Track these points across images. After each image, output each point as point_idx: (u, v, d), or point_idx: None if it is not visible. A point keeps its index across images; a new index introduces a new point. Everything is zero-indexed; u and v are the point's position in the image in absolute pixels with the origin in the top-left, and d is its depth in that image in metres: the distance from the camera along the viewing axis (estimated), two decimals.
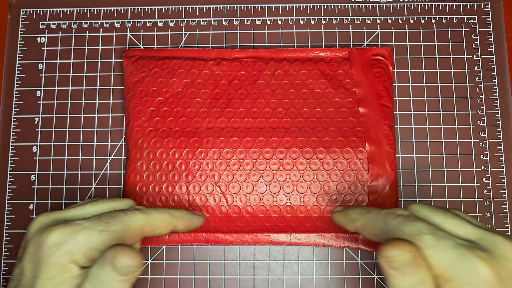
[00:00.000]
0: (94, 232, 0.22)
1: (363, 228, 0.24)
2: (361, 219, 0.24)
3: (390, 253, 0.19)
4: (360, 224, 0.24)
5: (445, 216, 0.22)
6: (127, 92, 0.32)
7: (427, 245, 0.20)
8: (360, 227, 0.24)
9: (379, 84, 0.31)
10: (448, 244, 0.20)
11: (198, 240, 0.30)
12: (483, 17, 0.34)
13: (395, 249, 0.19)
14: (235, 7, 0.34)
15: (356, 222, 0.24)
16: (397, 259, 0.19)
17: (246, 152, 0.30)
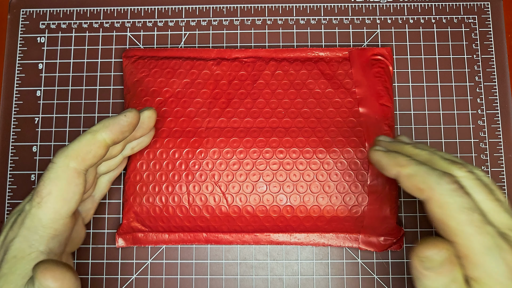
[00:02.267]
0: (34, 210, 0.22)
1: (408, 177, 0.22)
2: (411, 167, 0.22)
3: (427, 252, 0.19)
4: (407, 172, 0.22)
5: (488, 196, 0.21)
6: (127, 92, 0.32)
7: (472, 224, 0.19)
8: (405, 175, 0.22)
9: (379, 84, 0.31)
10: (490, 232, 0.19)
11: (198, 240, 0.30)
12: (483, 17, 0.34)
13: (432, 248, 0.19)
14: (235, 7, 0.34)
15: (403, 168, 0.22)
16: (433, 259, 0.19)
17: (246, 152, 0.30)
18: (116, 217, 0.32)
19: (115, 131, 0.23)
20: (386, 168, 0.23)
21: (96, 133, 0.23)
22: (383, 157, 0.23)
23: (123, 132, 0.24)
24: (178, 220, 0.30)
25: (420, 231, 0.31)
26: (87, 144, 0.23)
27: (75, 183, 0.22)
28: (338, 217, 0.29)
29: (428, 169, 0.21)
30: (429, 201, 0.20)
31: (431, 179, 0.21)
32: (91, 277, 0.31)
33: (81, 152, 0.22)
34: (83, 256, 0.31)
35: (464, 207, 0.20)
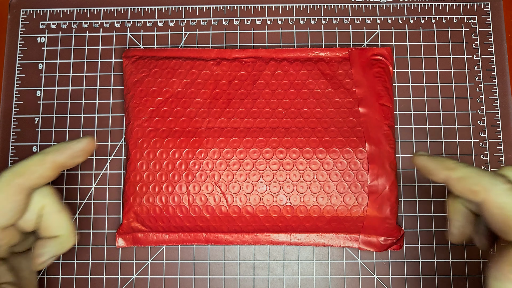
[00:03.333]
0: None
1: (459, 180, 0.21)
2: (460, 170, 0.21)
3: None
4: (457, 175, 0.21)
5: None
6: (127, 92, 0.32)
7: None
8: (456, 178, 0.21)
9: (379, 84, 0.31)
10: None
11: (198, 240, 0.30)
12: (483, 17, 0.34)
13: None
14: (235, 7, 0.34)
15: (453, 172, 0.21)
16: None
17: (246, 152, 0.30)
18: (116, 217, 0.32)
19: (66, 155, 0.24)
20: (434, 172, 0.22)
21: (46, 155, 0.23)
22: (430, 161, 0.23)
23: (74, 157, 0.24)
24: (178, 220, 0.30)
25: (420, 231, 0.31)
26: (36, 164, 0.23)
27: (14, 199, 0.22)
28: (338, 217, 0.29)
29: (479, 170, 0.21)
30: (486, 203, 0.20)
31: (485, 180, 0.20)
32: (91, 277, 0.31)
33: (28, 170, 0.23)
34: (83, 256, 0.31)
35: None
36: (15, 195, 0.22)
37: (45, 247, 0.24)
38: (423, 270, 0.30)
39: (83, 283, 0.31)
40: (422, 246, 0.31)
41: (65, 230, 0.24)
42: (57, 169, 0.24)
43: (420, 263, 0.31)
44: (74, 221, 0.32)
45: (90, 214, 0.32)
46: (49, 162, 0.23)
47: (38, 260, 0.24)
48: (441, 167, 0.22)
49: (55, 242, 0.24)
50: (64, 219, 0.24)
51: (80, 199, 0.32)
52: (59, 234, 0.24)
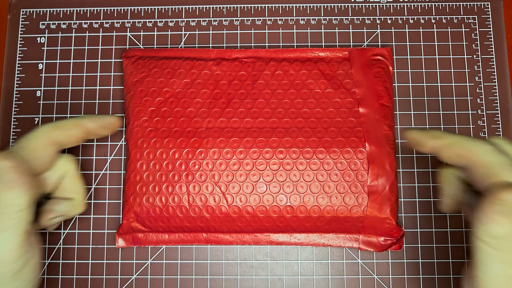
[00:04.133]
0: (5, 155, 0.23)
1: (447, 147, 0.23)
2: (448, 138, 0.23)
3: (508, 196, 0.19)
4: (445, 142, 0.23)
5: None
6: (127, 92, 0.32)
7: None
8: (444, 146, 0.23)
9: (379, 84, 0.31)
10: None
11: (198, 240, 0.30)
12: (483, 17, 0.34)
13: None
14: (235, 7, 0.34)
15: (441, 140, 0.23)
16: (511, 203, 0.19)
17: (246, 152, 0.30)
18: (116, 217, 0.32)
19: (97, 124, 0.27)
20: (424, 142, 0.24)
21: (81, 119, 0.27)
22: (420, 133, 0.25)
23: (103, 128, 0.27)
24: (178, 220, 0.30)
25: (420, 231, 0.31)
26: (71, 124, 0.26)
27: (47, 149, 0.25)
28: (338, 217, 0.29)
29: (465, 136, 0.23)
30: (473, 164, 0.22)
31: (471, 144, 0.22)
32: (91, 277, 0.31)
33: (64, 127, 0.26)
34: (83, 256, 0.31)
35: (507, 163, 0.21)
36: (49, 145, 0.25)
37: (57, 204, 0.27)
38: (423, 270, 0.30)
39: (83, 283, 0.31)
40: (422, 246, 0.31)
41: (79, 195, 0.27)
42: (86, 134, 0.27)
43: (420, 263, 0.31)
44: (74, 221, 0.32)
45: (90, 214, 0.32)
46: (82, 125, 0.26)
47: (47, 215, 0.27)
48: (430, 137, 0.24)
49: (67, 203, 0.27)
50: (80, 185, 0.27)
51: None
52: (73, 197, 0.27)
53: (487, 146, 0.22)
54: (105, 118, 0.27)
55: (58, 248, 0.31)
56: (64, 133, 0.26)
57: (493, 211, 0.19)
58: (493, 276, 0.20)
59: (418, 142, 0.25)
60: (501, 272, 0.20)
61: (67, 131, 0.26)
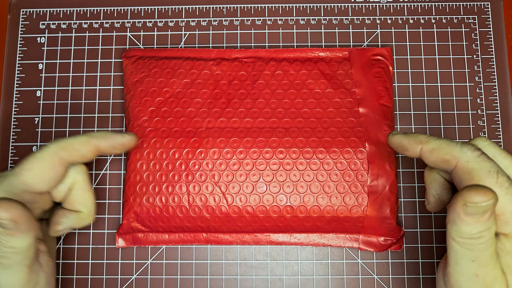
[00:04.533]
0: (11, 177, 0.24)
1: (431, 151, 0.23)
2: (432, 142, 0.23)
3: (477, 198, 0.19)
4: (429, 147, 0.23)
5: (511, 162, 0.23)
6: (127, 92, 0.32)
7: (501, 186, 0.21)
8: (428, 150, 0.23)
9: (379, 84, 0.31)
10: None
11: (198, 240, 0.30)
12: (483, 17, 0.34)
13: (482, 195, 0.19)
14: (235, 7, 0.34)
15: (425, 144, 0.23)
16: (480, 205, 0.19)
17: (246, 152, 0.30)
18: (116, 217, 0.32)
19: (108, 144, 0.26)
20: (409, 147, 0.24)
21: (92, 138, 0.25)
22: (403, 138, 0.24)
23: (114, 148, 0.26)
24: (178, 220, 0.30)
25: (420, 231, 0.31)
26: (81, 144, 0.25)
27: (55, 170, 0.24)
28: (338, 217, 0.29)
29: (449, 141, 0.23)
30: (456, 169, 0.22)
31: (455, 149, 0.22)
32: (91, 277, 0.31)
33: (73, 147, 0.25)
34: (83, 256, 0.31)
35: (491, 170, 0.21)
36: (56, 166, 0.24)
37: (65, 217, 0.26)
38: (423, 270, 0.30)
39: (83, 283, 0.31)
40: (422, 246, 0.31)
41: (88, 209, 0.27)
42: (96, 153, 0.26)
43: (420, 263, 0.31)
44: None
45: None
46: (92, 145, 0.25)
47: (55, 227, 0.26)
48: (414, 141, 0.24)
49: (75, 216, 0.26)
50: (90, 198, 0.27)
51: None
52: (81, 210, 0.26)
53: (471, 152, 0.22)
54: (118, 137, 0.26)
55: (58, 248, 0.31)
56: (73, 153, 0.25)
57: (464, 212, 0.20)
58: (465, 274, 0.21)
59: (402, 147, 0.25)
60: (472, 271, 0.20)
61: (77, 152, 0.25)
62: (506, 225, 0.21)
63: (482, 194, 0.19)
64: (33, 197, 0.25)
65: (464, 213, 0.20)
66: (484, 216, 0.20)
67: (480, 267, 0.20)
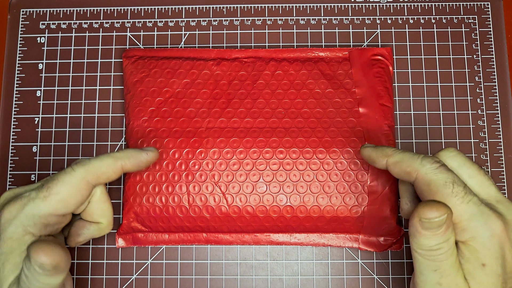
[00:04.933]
0: (38, 200, 0.23)
1: (394, 164, 0.24)
2: (396, 155, 0.24)
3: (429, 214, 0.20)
4: (393, 160, 0.24)
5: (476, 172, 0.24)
6: (127, 92, 0.32)
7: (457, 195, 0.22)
8: (392, 163, 0.24)
9: (379, 84, 0.31)
10: (474, 200, 0.22)
11: (198, 240, 0.30)
12: (483, 17, 0.34)
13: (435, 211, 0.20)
14: (235, 7, 0.34)
15: (390, 157, 0.25)
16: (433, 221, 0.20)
17: (246, 152, 0.30)
18: (116, 217, 0.32)
19: (133, 163, 0.26)
20: (376, 160, 0.25)
21: (118, 160, 0.25)
22: (372, 151, 0.26)
23: (139, 167, 0.26)
24: (178, 220, 0.30)
25: None
26: (107, 166, 0.25)
27: (81, 194, 0.25)
28: (338, 217, 0.29)
29: (412, 154, 0.24)
30: (416, 181, 0.23)
31: (415, 162, 0.23)
32: (91, 277, 0.31)
33: (99, 171, 0.25)
34: (83, 256, 0.31)
35: (447, 181, 0.22)
36: (83, 190, 0.25)
37: (86, 228, 0.27)
38: None
39: (83, 283, 0.31)
40: None
41: (107, 219, 0.27)
42: (121, 173, 0.26)
43: None
44: None
45: None
46: (119, 167, 0.25)
47: (76, 239, 0.27)
48: (381, 154, 0.25)
49: (96, 227, 0.27)
50: (109, 209, 0.27)
51: None
52: (101, 221, 0.27)
53: (430, 165, 0.23)
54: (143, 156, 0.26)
55: None
56: (100, 177, 0.25)
57: (421, 226, 0.21)
58: (429, 284, 0.22)
59: (370, 159, 0.26)
60: (435, 280, 0.21)
61: (102, 175, 0.25)
62: (463, 232, 0.22)
63: (435, 210, 0.20)
64: (58, 219, 0.25)
65: (422, 227, 0.21)
66: (440, 229, 0.20)
67: (442, 276, 0.21)
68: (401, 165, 0.24)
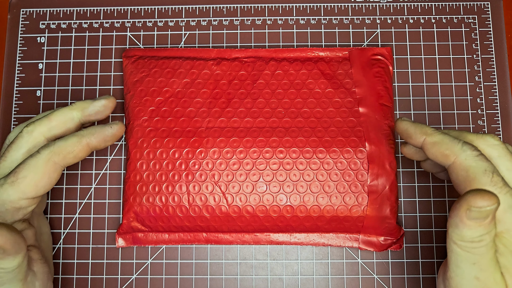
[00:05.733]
0: (6, 186, 0.24)
1: (433, 144, 0.24)
2: (436, 136, 0.24)
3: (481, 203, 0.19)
4: (432, 140, 0.24)
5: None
6: (127, 92, 0.32)
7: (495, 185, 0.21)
8: (431, 143, 0.24)
9: (379, 84, 0.31)
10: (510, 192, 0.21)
11: (198, 239, 0.30)
12: (483, 17, 0.34)
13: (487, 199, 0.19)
14: (235, 7, 0.34)
15: (429, 137, 0.24)
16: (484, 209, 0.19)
17: (246, 151, 0.30)
18: (116, 217, 0.32)
19: (99, 139, 0.26)
20: (413, 136, 0.25)
21: (82, 137, 0.26)
22: (411, 126, 0.25)
23: (106, 141, 0.27)
24: (178, 220, 0.30)
25: (420, 231, 0.31)
26: (72, 145, 0.25)
27: (49, 176, 0.25)
28: (338, 217, 0.29)
29: (452, 138, 0.23)
30: (453, 165, 0.23)
31: (456, 146, 0.23)
32: (91, 277, 0.31)
33: (65, 151, 0.25)
34: (83, 256, 0.31)
35: (487, 170, 0.22)
36: (51, 172, 0.25)
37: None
38: (423, 269, 0.30)
39: (83, 283, 0.31)
40: (422, 246, 0.31)
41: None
42: (89, 151, 0.26)
43: (420, 263, 0.31)
44: (74, 221, 0.32)
45: (90, 214, 0.32)
46: (84, 144, 0.26)
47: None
48: (420, 131, 0.25)
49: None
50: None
51: (80, 199, 0.32)
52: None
53: (470, 151, 0.22)
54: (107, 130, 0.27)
55: (58, 248, 0.31)
56: (66, 156, 0.25)
57: (466, 216, 0.20)
58: (466, 278, 0.21)
59: (407, 134, 0.26)
60: (473, 274, 0.21)
61: (69, 155, 0.25)
62: (498, 223, 0.21)
63: (487, 199, 0.19)
64: (29, 202, 0.25)
65: (467, 217, 0.20)
66: (486, 220, 0.20)
67: (481, 270, 0.21)
68: (440, 146, 0.23)
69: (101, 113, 0.28)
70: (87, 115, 0.27)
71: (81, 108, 0.27)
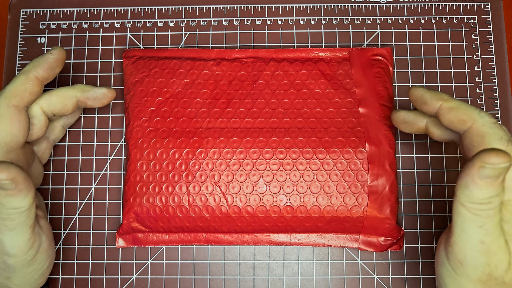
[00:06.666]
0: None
1: (450, 109, 0.24)
2: (453, 102, 0.24)
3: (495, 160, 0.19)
4: (449, 105, 0.24)
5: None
6: (127, 92, 0.32)
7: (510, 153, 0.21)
8: (448, 108, 0.24)
9: (379, 84, 0.31)
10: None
11: (198, 240, 0.30)
12: (483, 17, 0.34)
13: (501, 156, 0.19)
14: (235, 7, 0.34)
15: (446, 102, 0.24)
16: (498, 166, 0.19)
17: (246, 152, 0.30)
18: (116, 218, 0.32)
19: (44, 69, 0.26)
20: (429, 102, 0.25)
21: (28, 73, 0.26)
22: (426, 92, 0.25)
23: (53, 68, 0.27)
24: (178, 221, 0.30)
25: (420, 231, 0.31)
26: (22, 84, 0.26)
27: (18, 120, 0.25)
28: (338, 218, 0.29)
29: (469, 104, 0.24)
30: (470, 130, 0.23)
31: (474, 111, 0.23)
32: (91, 277, 0.31)
33: (18, 91, 0.25)
34: (83, 257, 0.31)
35: (503, 137, 0.22)
36: (17, 116, 0.25)
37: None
38: (423, 270, 0.31)
39: (83, 283, 0.31)
40: (422, 246, 0.31)
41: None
42: (42, 84, 0.27)
43: (420, 263, 0.31)
44: (74, 221, 0.32)
45: (90, 214, 0.32)
46: (33, 78, 0.26)
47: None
48: (436, 97, 0.24)
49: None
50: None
51: (80, 199, 0.32)
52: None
53: (488, 118, 0.23)
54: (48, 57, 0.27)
55: (58, 248, 0.31)
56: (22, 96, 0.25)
57: (479, 175, 0.20)
58: (471, 241, 0.21)
59: (422, 100, 0.25)
60: (478, 237, 0.21)
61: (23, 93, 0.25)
62: (507, 191, 0.21)
63: (501, 155, 0.19)
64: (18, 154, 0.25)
65: (479, 176, 0.20)
66: (498, 180, 0.20)
67: (486, 234, 0.21)
68: (457, 111, 0.23)
69: (99, 100, 0.28)
70: (85, 97, 0.28)
71: (82, 89, 0.28)
